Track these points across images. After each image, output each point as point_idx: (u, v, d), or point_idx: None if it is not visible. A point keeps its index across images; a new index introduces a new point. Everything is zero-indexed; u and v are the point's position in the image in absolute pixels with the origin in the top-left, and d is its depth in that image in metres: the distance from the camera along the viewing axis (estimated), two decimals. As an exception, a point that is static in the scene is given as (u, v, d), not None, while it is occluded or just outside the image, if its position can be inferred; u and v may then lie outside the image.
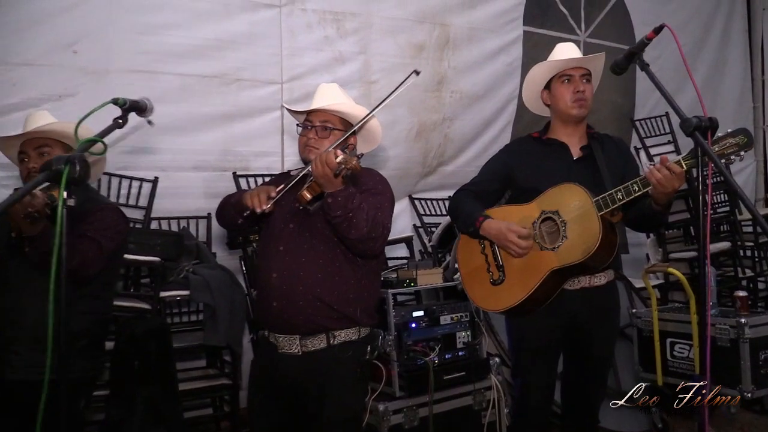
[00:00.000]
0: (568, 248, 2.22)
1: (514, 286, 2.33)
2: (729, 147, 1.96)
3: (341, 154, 2.06)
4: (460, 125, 4.87)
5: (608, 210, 2.18)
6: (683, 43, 6.27)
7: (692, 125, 1.74)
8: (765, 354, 3.47)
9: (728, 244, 5.09)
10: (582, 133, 2.52)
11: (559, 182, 2.32)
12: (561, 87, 2.45)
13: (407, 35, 4.60)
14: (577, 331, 2.42)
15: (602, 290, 2.40)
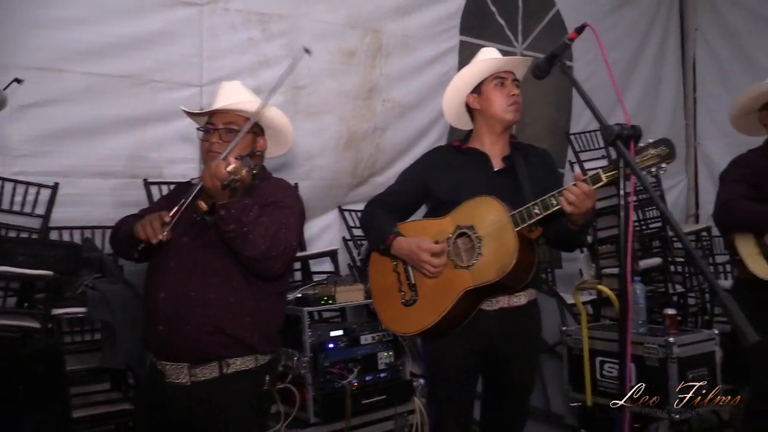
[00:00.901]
0: (482, 266, 2.06)
1: (426, 307, 2.15)
2: (651, 158, 1.83)
3: (234, 163, 1.85)
4: (393, 135, 4.71)
5: (525, 225, 2.03)
6: (618, 59, 6.38)
7: (613, 133, 1.61)
8: (693, 373, 3.40)
9: (659, 259, 5.07)
10: (505, 143, 2.38)
11: (476, 195, 2.16)
12: (495, 90, 2.31)
13: (337, 40, 4.41)
14: (495, 354, 2.26)
15: (522, 311, 2.24)
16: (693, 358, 3.41)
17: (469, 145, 2.39)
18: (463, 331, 2.18)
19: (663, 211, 1.51)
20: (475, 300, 2.13)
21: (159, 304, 2.05)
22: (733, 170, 2.72)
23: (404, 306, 2.20)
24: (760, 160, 2.68)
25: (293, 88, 4.26)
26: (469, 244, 2.13)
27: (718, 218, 2.71)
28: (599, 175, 1.94)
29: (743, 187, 2.62)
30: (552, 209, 1.99)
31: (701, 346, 3.46)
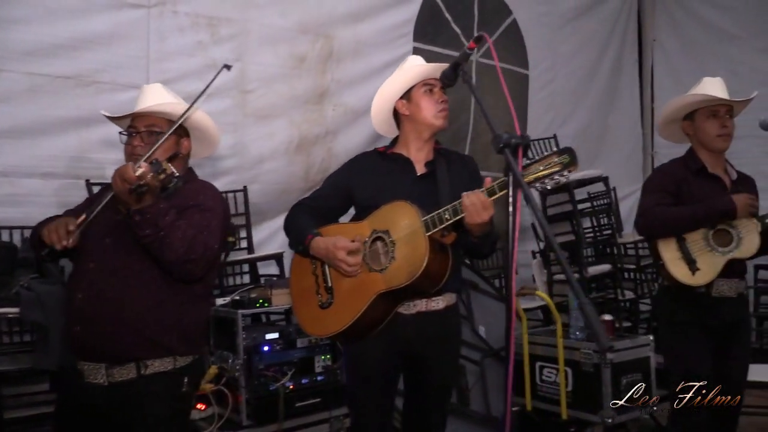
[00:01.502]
0: (394, 270, 2.08)
1: (341, 310, 2.16)
2: (553, 166, 1.86)
3: (143, 167, 1.85)
4: (345, 140, 4.72)
5: (436, 230, 2.05)
6: (577, 68, 6.47)
7: (501, 141, 1.63)
8: (627, 379, 3.46)
9: (609, 266, 5.13)
10: (430, 149, 2.40)
11: (394, 199, 2.18)
12: (424, 97, 2.32)
13: (288, 45, 4.43)
14: (413, 358, 2.27)
15: (440, 315, 2.26)
16: (627, 363, 3.48)
17: (394, 151, 2.41)
18: (381, 334, 2.19)
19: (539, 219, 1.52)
20: (390, 303, 2.15)
21: (76, 304, 2.05)
22: (653, 180, 2.78)
23: (321, 308, 2.21)
24: (681, 170, 2.74)
25: (241, 92, 4.26)
26: (384, 248, 2.14)
27: (637, 226, 2.76)
28: (494, 188, 1.98)
29: (661, 195, 2.67)
30: (461, 214, 2.01)
31: (636, 352, 3.52)
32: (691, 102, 2.73)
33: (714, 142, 2.69)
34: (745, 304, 2.77)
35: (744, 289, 2.74)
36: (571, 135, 6.13)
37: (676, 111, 2.80)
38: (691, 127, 2.75)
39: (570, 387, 3.52)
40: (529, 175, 1.89)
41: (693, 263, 2.57)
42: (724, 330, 2.65)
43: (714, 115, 2.69)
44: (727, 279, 2.64)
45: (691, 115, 2.75)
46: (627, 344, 3.51)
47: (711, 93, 2.67)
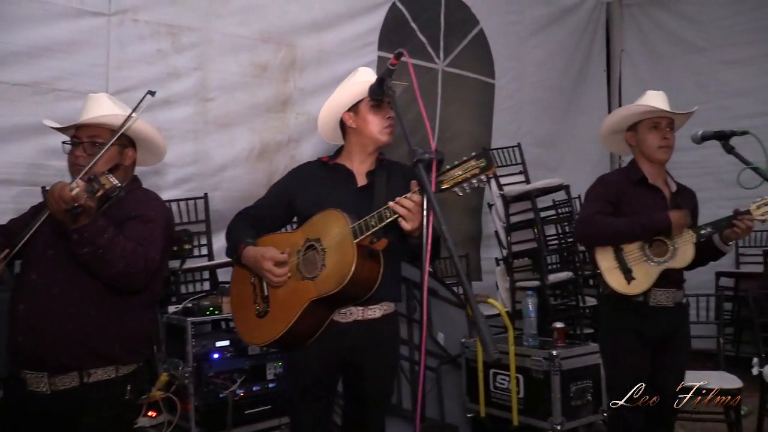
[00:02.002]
0: (325, 277, 2.12)
1: (276, 318, 2.19)
2: (472, 170, 1.90)
3: (79, 186, 1.86)
4: (308, 148, 4.76)
5: (364, 237, 2.08)
6: (544, 78, 6.55)
7: (415, 156, 1.68)
8: (577, 386, 3.51)
9: (570, 273, 5.20)
10: (373, 161, 2.43)
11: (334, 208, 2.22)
12: (371, 112, 2.35)
13: (250, 54, 4.46)
14: (350, 366, 2.31)
15: (377, 323, 2.29)
16: (578, 370, 3.53)
17: (337, 161, 2.44)
18: (318, 341, 2.22)
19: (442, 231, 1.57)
20: (324, 311, 2.18)
21: (19, 315, 2.08)
22: (595, 189, 2.83)
23: (257, 317, 2.24)
24: (622, 180, 2.80)
25: (202, 100, 4.29)
26: (315, 257, 2.18)
27: (576, 234, 2.81)
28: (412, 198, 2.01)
29: (601, 204, 2.72)
30: (387, 220, 2.05)
31: (586, 359, 3.57)
32: (634, 113, 2.79)
33: (655, 154, 2.75)
34: (683, 313, 2.82)
35: (682, 299, 2.79)
36: (536, 144, 6.21)
37: (620, 122, 2.86)
38: (634, 138, 2.81)
39: (521, 394, 3.57)
40: (448, 180, 1.92)
41: (629, 273, 2.63)
42: (662, 339, 2.71)
43: (656, 127, 2.74)
44: (665, 289, 2.69)
45: (634, 127, 2.81)
46: (577, 351, 3.56)
47: (651, 105, 2.74)
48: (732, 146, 2.51)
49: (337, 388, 2.44)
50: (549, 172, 5.86)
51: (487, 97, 5.99)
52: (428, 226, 1.62)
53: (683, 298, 2.81)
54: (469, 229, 5.93)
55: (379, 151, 2.46)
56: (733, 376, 3.58)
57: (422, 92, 5.89)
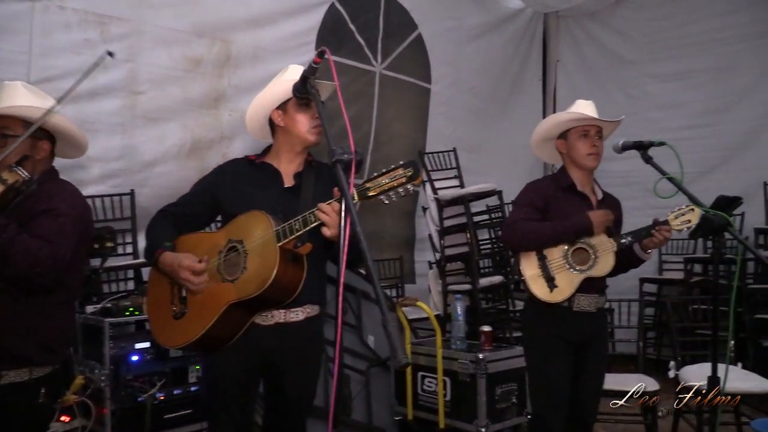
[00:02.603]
0: (245, 280, 2.07)
1: (193, 320, 2.14)
2: (399, 179, 1.90)
3: None
4: (241, 146, 4.67)
5: (287, 240, 2.05)
6: (480, 85, 6.63)
7: (334, 156, 1.65)
8: (502, 389, 3.56)
9: (501, 277, 5.28)
10: (301, 162, 2.40)
11: (259, 209, 2.17)
12: (300, 111, 2.31)
13: (183, 47, 4.35)
14: (270, 370, 2.27)
15: (299, 327, 2.26)
16: (503, 373, 3.58)
17: (265, 160, 2.39)
18: (237, 345, 2.18)
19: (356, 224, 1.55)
20: (243, 314, 2.13)
21: None
22: (522, 194, 2.88)
23: (174, 319, 2.18)
24: (551, 187, 2.85)
25: (132, 93, 4.16)
26: (237, 258, 2.14)
27: (502, 238, 2.85)
28: (353, 194, 1.98)
29: (528, 210, 2.77)
30: (311, 225, 2.02)
31: (512, 362, 3.62)
32: (565, 120, 2.84)
33: (584, 161, 2.80)
34: (603, 319, 2.90)
35: (603, 305, 2.86)
36: (470, 149, 6.29)
37: (551, 129, 2.90)
38: (564, 145, 2.86)
39: (448, 396, 3.60)
40: (375, 187, 1.91)
41: (551, 280, 2.68)
42: (583, 344, 2.77)
43: (585, 135, 2.80)
44: (588, 294, 2.75)
45: (564, 135, 2.86)
46: (503, 355, 3.61)
47: (581, 113, 2.79)
48: (650, 156, 2.58)
49: (259, 390, 2.39)
50: (483, 177, 5.93)
51: (424, 101, 6.03)
52: (345, 228, 1.60)
53: (605, 304, 2.88)
54: (403, 232, 5.95)
55: (308, 152, 2.42)
56: (651, 379, 3.70)
57: (359, 95, 5.90)
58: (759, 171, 6.21)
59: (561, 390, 2.74)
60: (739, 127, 6.41)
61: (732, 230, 2.16)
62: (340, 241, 1.59)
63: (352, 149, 1.67)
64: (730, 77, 6.50)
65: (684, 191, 2.39)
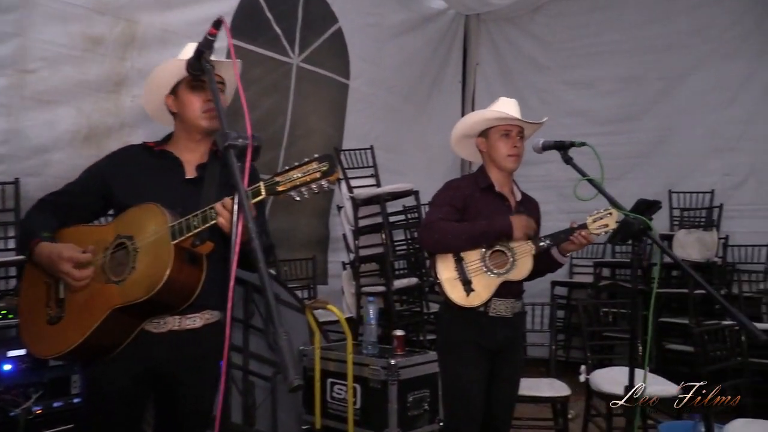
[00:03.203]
0: (134, 282, 1.83)
1: (70, 326, 1.88)
2: (312, 173, 1.72)
3: None
4: (145, 135, 4.30)
5: (184, 238, 1.82)
6: (399, 83, 6.54)
7: (228, 140, 1.46)
8: (414, 395, 3.44)
9: (416, 279, 5.19)
10: (205, 151, 2.16)
11: (157, 202, 1.93)
12: (189, 94, 2.07)
13: (82, 25, 3.98)
14: (163, 382, 2.03)
15: (196, 334, 2.03)
16: (415, 380, 3.46)
17: (165, 148, 2.15)
18: (125, 354, 1.93)
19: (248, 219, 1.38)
20: (131, 320, 1.89)
21: None
22: (440, 194, 2.76)
23: (48, 324, 1.90)
24: (469, 186, 2.74)
25: (20, 72, 3.76)
26: (126, 257, 1.89)
27: (419, 238, 2.73)
28: (259, 189, 1.79)
29: (447, 210, 2.66)
30: (211, 221, 1.81)
31: (425, 368, 3.51)
32: (488, 118, 2.74)
33: (504, 161, 2.72)
34: (519, 324, 2.82)
35: (520, 309, 2.79)
36: (388, 148, 6.18)
37: (473, 126, 2.80)
38: (485, 144, 2.77)
39: (358, 404, 3.45)
40: (285, 182, 1.73)
41: (468, 284, 2.57)
42: (499, 349, 2.68)
43: (507, 135, 2.72)
44: (504, 299, 2.67)
45: (485, 133, 2.77)
46: (416, 360, 3.49)
47: (504, 112, 2.71)
48: (570, 157, 2.53)
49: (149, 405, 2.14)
50: (400, 177, 5.84)
51: (341, 97, 5.86)
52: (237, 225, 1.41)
53: (521, 309, 2.80)
54: (317, 232, 5.76)
55: (213, 140, 2.19)
56: (563, 384, 3.69)
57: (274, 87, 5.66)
58: (663, 179, 6.45)
59: (475, 398, 2.64)
60: (646, 135, 6.64)
61: (652, 234, 2.11)
62: (232, 239, 1.40)
63: (249, 134, 1.47)
64: (638, 87, 6.72)
65: (604, 194, 2.33)
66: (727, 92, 6.30)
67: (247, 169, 1.50)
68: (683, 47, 6.47)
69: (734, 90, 6.27)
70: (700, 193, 6.28)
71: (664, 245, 2.19)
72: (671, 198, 6.28)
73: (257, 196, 1.78)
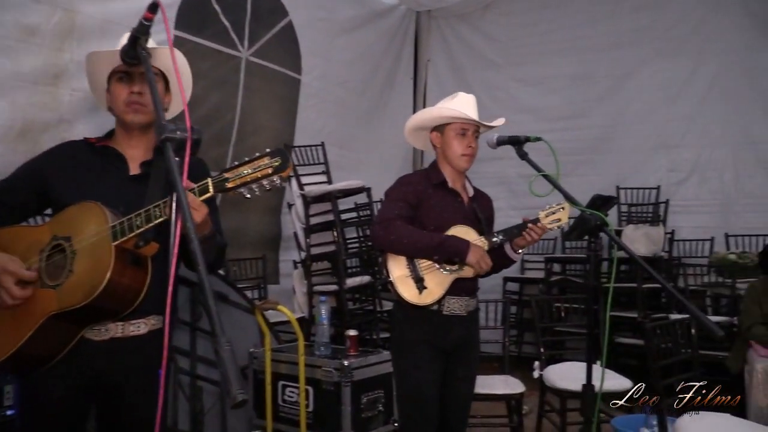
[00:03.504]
0: (71, 286, 1.70)
1: (2, 335, 1.74)
2: (264, 169, 1.63)
3: None
4: (84, 131, 4.05)
5: (126, 238, 1.71)
6: (351, 79, 6.46)
7: (165, 132, 1.36)
8: (368, 396, 3.38)
9: (368, 277, 5.13)
10: (149, 147, 2.03)
11: (99, 200, 1.80)
12: (115, 85, 1.95)
13: (16, 12, 3.75)
14: (105, 393, 1.90)
15: (141, 342, 1.90)
16: (369, 380, 3.39)
17: (107, 143, 2.02)
18: (63, 363, 1.81)
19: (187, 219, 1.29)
20: (69, 327, 1.76)
21: None
22: (394, 190, 2.70)
23: (-23, 333, 1.78)
24: (422, 182, 2.69)
25: (-54, 61, 3.53)
26: (63, 260, 1.76)
27: (372, 234, 2.65)
28: (207, 185, 1.70)
29: (401, 206, 2.59)
30: (156, 221, 1.70)
31: (379, 368, 3.45)
32: (445, 116, 2.69)
33: (458, 160, 2.68)
34: (474, 322, 2.78)
35: (474, 307, 2.75)
36: (338, 144, 6.10)
37: (430, 121, 2.75)
38: (439, 139, 2.71)
39: (311, 407, 3.36)
40: (234, 178, 1.64)
41: (420, 281, 2.52)
42: (453, 349, 2.64)
43: (463, 133, 2.67)
44: (458, 297, 2.62)
45: (440, 128, 2.71)
46: (369, 361, 3.43)
47: (466, 112, 2.66)
48: (525, 152, 2.50)
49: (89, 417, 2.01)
50: (352, 174, 5.77)
51: (293, 92, 5.75)
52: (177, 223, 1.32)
53: (476, 307, 2.77)
54: (267, 230, 5.63)
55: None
56: (517, 380, 3.69)
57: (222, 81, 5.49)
58: (611, 175, 6.56)
59: (430, 399, 2.58)
60: (594, 132, 6.74)
61: (608, 230, 2.10)
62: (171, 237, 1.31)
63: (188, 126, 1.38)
64: (586, 84, 6.82)
65: (560, 190, 2.31)
66: (671, 90, 6.45)
67: (187, 164, 1.40)
68: (629, 46, 6.59)
69: (677, 88, 6.42)
70: (646, 189, 6.41)
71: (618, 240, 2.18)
72: (619, 194, 6.39)
73: (205, 193, 1.69)
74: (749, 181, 6.12)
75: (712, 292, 5.71)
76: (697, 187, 6.36)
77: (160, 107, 1.52)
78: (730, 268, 5.37)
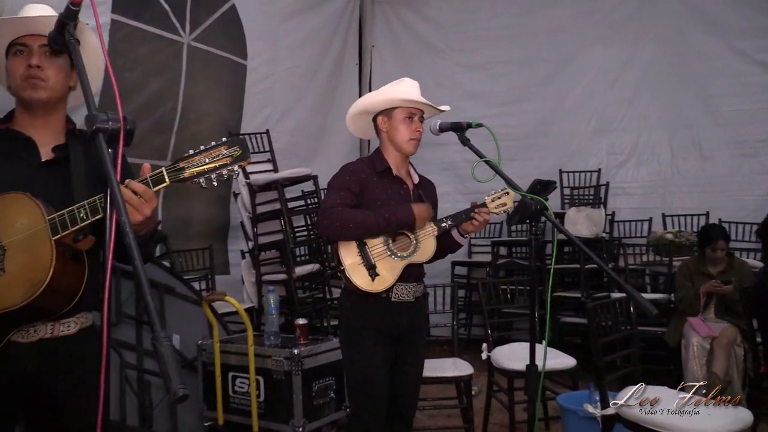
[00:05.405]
0: (4, 287, 1.62)
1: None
2: (222, 159, 1.59)
3: None
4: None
5: (67, 233, 1.63)
6: (298, 65, 6.38)
7: (96, 122, 1.32)
8: (319, 384, 3.38)
9: (318, 265, 5.11)
10: (60, 130, 1.90)
11: (8, 191, 1.71)
12: (12, 59, 1.78)
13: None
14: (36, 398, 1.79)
15: (71, 341, 1.80)
16: (320, 368, 3.39)
17: (9, 126, 1.85)
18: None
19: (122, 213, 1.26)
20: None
21: None
22: (337, 178, 2.68)
23: None
24: (366, 169, 2.68)
25: None
26: (-7, 258, 1.68)
27: (318, 225, 2.64)
28: (162, 175, 1.63)
29: (345, 194, 2.58)
30: (102, 215, 1.63)
31: (329, 356, 3.45)
32: (394, 99, 2.67)
33: (406, 145, 2.68)
34: (421, 308, 2.81)
35: (422, 293, 2.77)
36: (288, 131, 6.04)
37: (375, 104, 2.72)
38: (386, 124, 2.70)
39: (262, 397, 3.34)
40: (191, 167, 1.59)
41: (373, 269, 2.52)
42: (401, 334, 2.66)
43: (410, 118, 2.67)
44: (406, 283, 2.63)
45: (387, 112, 2.70)
46: (319, 349, 3.42)
47: (414, 97, 2.65)
48: (467, 138, 2.53)
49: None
50: (302, 161, 5.73)
51: (239, 78, 5.64)
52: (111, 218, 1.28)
53: (423, 293, 2.79)
54: (215, 219, 5.54)
55: (69, 117, 1.94)
56: (466, 363, 3.75)
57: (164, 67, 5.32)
58: (554, 159, 6.70)
59: (379, 385, 2.59)
60: (536, 117, 6.86)
61: (548, 214, 2.15)
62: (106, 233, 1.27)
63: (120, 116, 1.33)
64: (528, 69, 6.92)
65: (501, 175, 2.35)
66: (610, 75, 6.62)
67: (120, 155, 1.35)
68: (569, 31, 6.72)
69: (616, 73, 6.60)
70: (587, 172, 6.58)
71: (558, 223, 2.23)
72: (562, 177, 6.53)
73: (160, 183, 1.62)
74: (684, 163, 6.35)
75: (650, 270, 5.92)
76: (635, 170, 6.56)
77: (91, 96, 1.44)
78: (667, 247, 5.57)
